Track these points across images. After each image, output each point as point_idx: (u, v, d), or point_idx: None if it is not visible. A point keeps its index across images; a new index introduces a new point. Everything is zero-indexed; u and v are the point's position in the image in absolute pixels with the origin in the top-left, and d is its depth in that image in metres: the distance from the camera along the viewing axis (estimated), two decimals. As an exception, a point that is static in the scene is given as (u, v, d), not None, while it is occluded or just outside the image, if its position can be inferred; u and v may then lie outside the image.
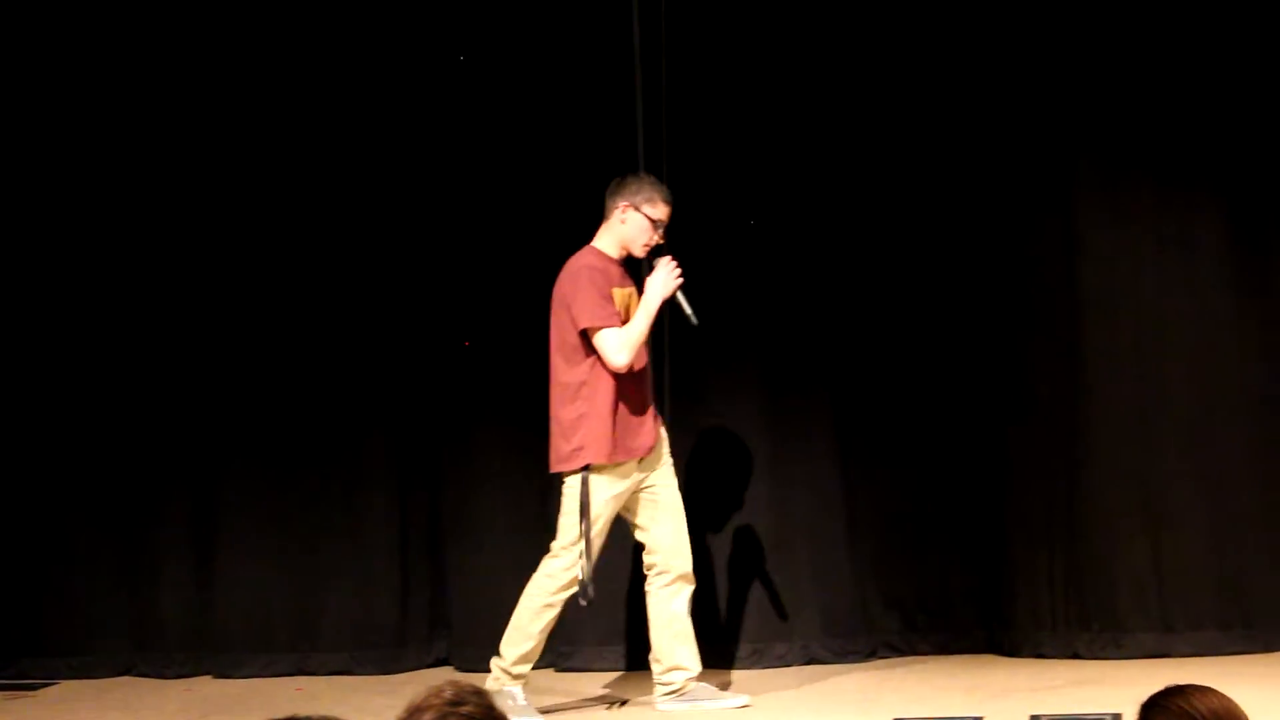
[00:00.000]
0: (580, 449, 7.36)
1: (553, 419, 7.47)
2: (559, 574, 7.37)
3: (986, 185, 8.36)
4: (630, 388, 7.40)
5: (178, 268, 8.69)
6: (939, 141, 8.39)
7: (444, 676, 6.70)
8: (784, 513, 8.40)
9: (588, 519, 7.31)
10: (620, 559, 8.05)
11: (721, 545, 8.42)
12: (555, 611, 7.43)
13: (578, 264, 7.48)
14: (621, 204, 7.47)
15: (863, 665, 8.28)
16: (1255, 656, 8.00)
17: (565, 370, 7.42)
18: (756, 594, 8.39)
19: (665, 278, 7.43)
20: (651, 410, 7.50)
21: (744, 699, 7.52)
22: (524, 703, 7.40)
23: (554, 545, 7.41)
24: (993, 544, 8.34)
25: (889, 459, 8.41)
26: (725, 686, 7.82)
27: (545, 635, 7.45)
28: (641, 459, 7.43)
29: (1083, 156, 8.29)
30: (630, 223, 7.47)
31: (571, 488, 7.39)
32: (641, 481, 7.46)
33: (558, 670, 8.43)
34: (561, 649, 8.43)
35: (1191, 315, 8.24)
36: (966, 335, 8.38)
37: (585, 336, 7.35)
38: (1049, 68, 8.29)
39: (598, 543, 7.38)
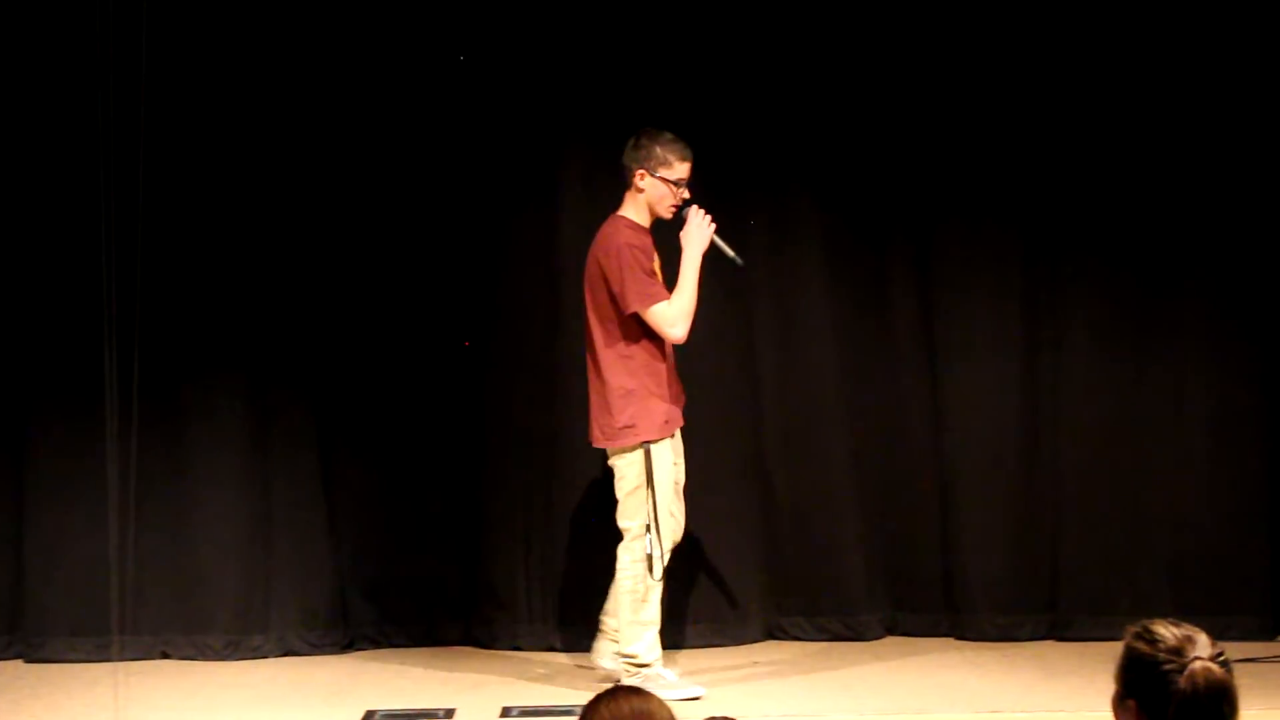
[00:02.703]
0: (632, 426, 7.27)
1: (594, 391, 7.38)
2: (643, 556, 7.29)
3: (469, 182, 8.37)
4: (660, 357, 7.36)
5: None
6: (419, 135, 8.35)
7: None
8: (264, 505, 8.31)
9: (654, 493, 7.23)
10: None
11: (199, 534, 8.29)
12: (660, 588, 7.31)
13: (616, 241, 7.34)
14: (636, 170, 7.36)
15: (339, 656, 8.26)
16: (736, 649, 8.23)
17: (608, 342, 7.32)
18: (232, 585, 8.29)
19: (699, 229, 7.34)
20: (678, 380, 7.47)
21: (700, 689, 7.41)
22: (676, 679, 7.32)
23: (629, 528, 7.32)
24: (470, 537, 8.39)
25: (371, 453, 8.37)
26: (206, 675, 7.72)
27: (660, 611, 7.33)
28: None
29: (567, 152, 8.37)
30: (649, 189, 7.36)
31: (631, 465, 7.27)
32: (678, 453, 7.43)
33: (27, 662, 8.21)
34: (33, 640, 8.22)
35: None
36: (448, 327, 8.39)
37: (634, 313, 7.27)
38: (533, 59, 8.35)
39: (666, 512, 7.27)
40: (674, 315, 7.29)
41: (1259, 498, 8.43)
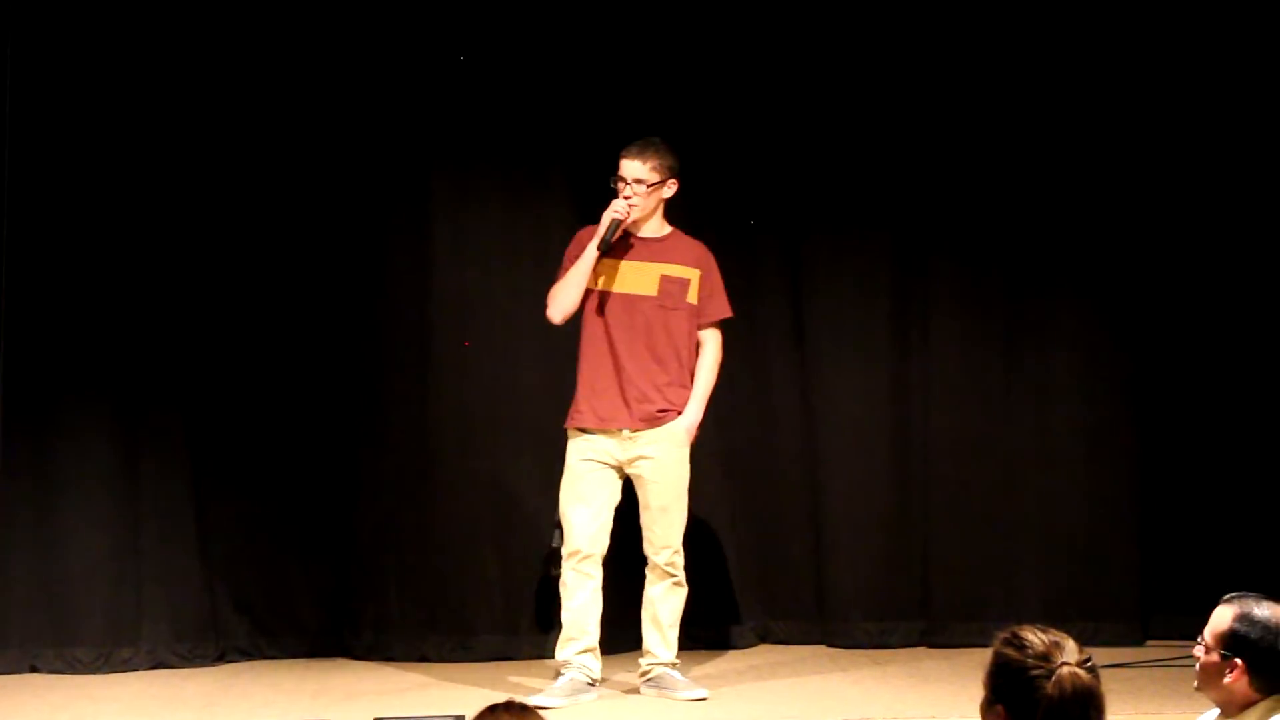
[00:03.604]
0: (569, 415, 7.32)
1: None
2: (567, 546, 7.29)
3: (340, 191, 8.34)
4: (602, 353, 7.28)
5: None
6: (287, 147, 8.32)
7: None
8: (133, 516, 8.21)
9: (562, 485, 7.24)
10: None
11: (67, 545, 8.16)
12: (576, 587, 7.23)
13: None
14: None
15: (211, 669, 8.18)
16: (609, 658, 8.12)
17: None
18: (101, 597, 8.18)
19: (605, 215, 7.24)
20: (640, 384, 7.28)
21: (703, 691, 7.39)
22: (568, 679, 7.25)
23: None
24: (342, 548, 8.36)
25: (241, 463, 8.31)
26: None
27: (584, 613, 7.24)
28: (628, 430, 7.28)
29: (436, 163, 8.38)
30: None
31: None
32: (627, 459, 7.32)
33: None
34: None
35: (542, 320, 8.37)
36: (319, 341, 8.35)
37: None
38: (405, 75, 8.35)
39: (577, 510, 7.23)
40: (549, 297, 7.36)
41: (1128, 503, 8.54)
